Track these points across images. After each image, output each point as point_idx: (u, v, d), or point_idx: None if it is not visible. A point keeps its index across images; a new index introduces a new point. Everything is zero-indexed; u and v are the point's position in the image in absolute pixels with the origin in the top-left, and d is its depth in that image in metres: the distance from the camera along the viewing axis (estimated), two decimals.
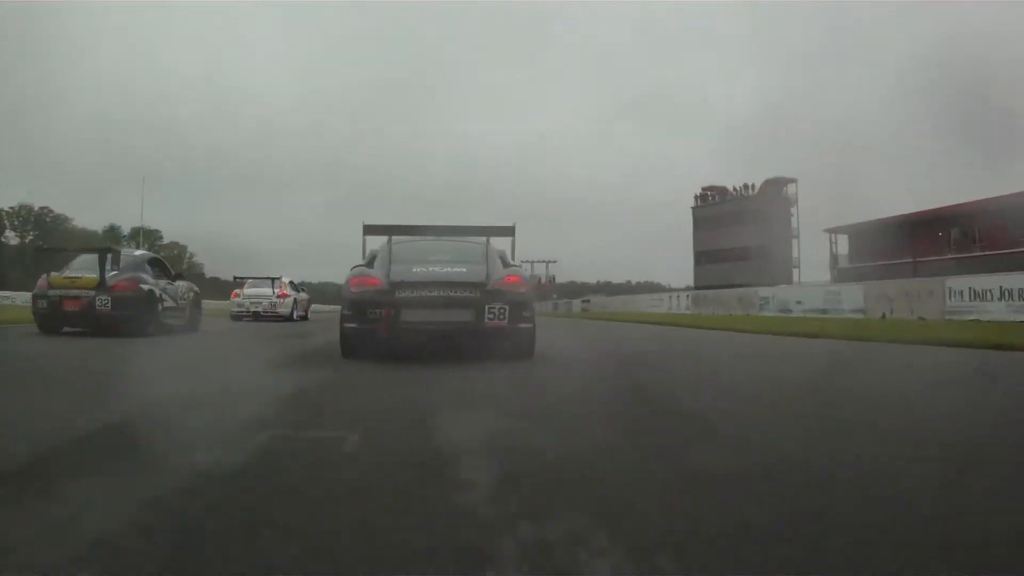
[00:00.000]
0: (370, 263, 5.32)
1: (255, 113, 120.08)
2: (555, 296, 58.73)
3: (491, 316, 4.76)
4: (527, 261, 60.51)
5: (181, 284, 8.93)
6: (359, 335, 4.88)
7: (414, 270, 5.02)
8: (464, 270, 4.97)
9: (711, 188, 53.22)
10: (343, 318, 5.00)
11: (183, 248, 70.25)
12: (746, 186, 48.62)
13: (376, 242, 5.78)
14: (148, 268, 8.15)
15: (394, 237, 5.77)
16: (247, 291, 15.19)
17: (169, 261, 9.55)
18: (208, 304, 12.54)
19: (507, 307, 4.80)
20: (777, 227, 44.75)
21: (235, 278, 15.12)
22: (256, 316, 14.89)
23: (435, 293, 4.82)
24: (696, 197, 54.01)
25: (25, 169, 70.52)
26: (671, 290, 34.10)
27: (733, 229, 46.44)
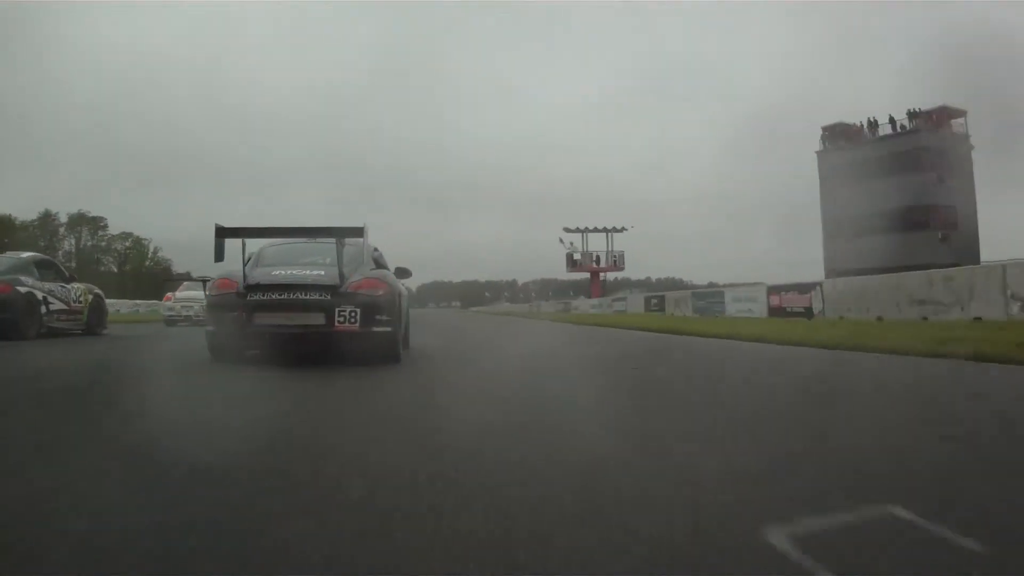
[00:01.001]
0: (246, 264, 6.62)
1: (253, 109, 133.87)
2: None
3: (341, 320, 5.63)
4: (574, 231, 50.89)
5: (77, 286, 10.23)
6: (217, 337, 5.96)
7: (273, 272, 5.96)
8: (322, 272, 5.87)
9: (838, 128, 45.20)
10: (206, 321, 6.31)
11: (142, 241, 73.24)
12: (913, 113, 40.40)
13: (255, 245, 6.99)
14: (34, 270, 9.43)
15: (272, 240, 6.85)
16: (179, 294, 17.00)
17: (125, 253, 11.25)
18: None
19: (358, 310, 5.68)
20: (960, 178, 38.35)
21: (166, 280, 17.11)
22: (191, 321, 16.40)
23: (285, 296, 5.67)
24: (823, 139, 46.13)
25: (23, 164, 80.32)
26: None
27: (895, 181, 38.27)
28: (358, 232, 5.97)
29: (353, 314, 5.73)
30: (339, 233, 5.99)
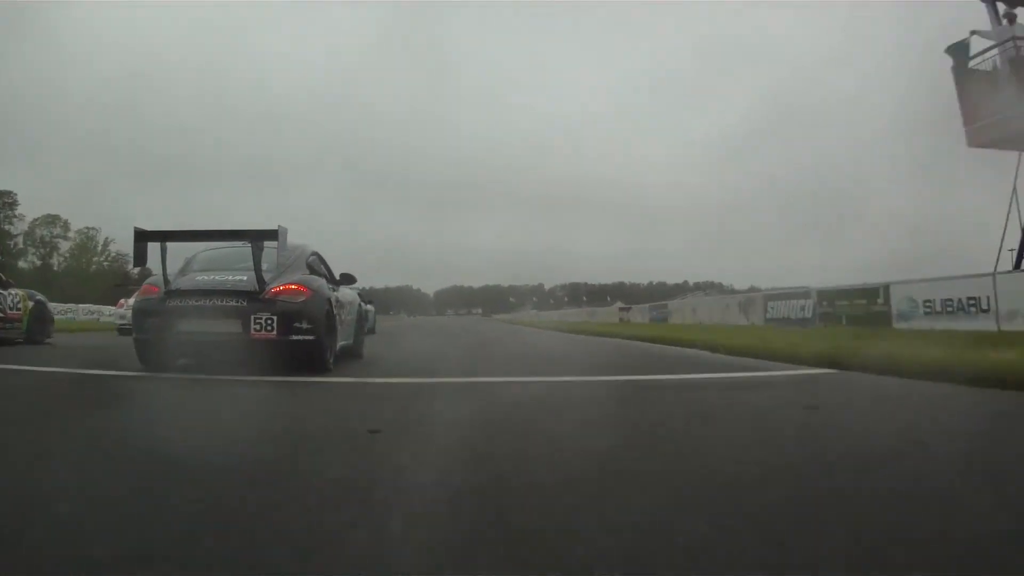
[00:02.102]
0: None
1: (256, 107, 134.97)
2: None
3: (257, 327, 5.66)
4: None
5: (15, 292, 10.21)
6: (142, 345, 6.01)
7: (196, 278, 6.03)
8: (243, 278, 5.86)
9: None
10: (132, 327, 6.35)
11: (84, 231, 58.45)
12: None
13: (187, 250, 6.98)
14: None
15: (210, 244, 6.79)
16: (131, 301, 17.25)
17: (50, 242, 11.02)
18: None
19: (275, 317, 5.68)
20: None
21: (117, 285, 16.55)
22: None
23: (202, 302, 5.72)
24: None
25: (23, 161, 77.70)
26: None
27: None
28: (272, 235, 5.92)
29: (270, 321, 5.79)
30: (255, 236, 5.94)
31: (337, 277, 7.55)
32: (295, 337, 5.87)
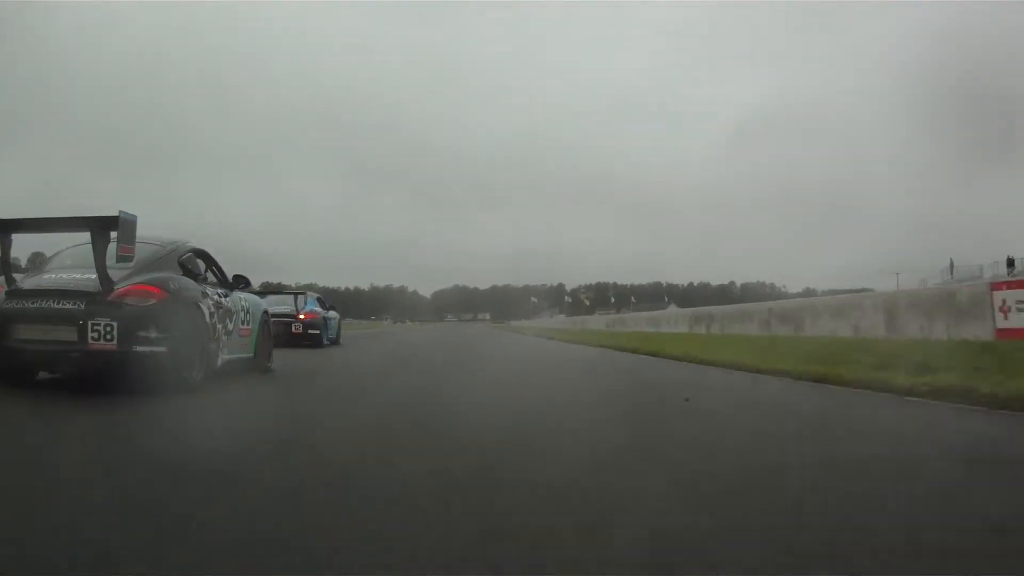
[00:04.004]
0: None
1: (257, 101, 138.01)
2: None
3: (95, 335, 4.91)
4: None
5: None
6: None
7: (44, 277, 5.41)
8: (92, 277, 5.12)
9: None
10: None
11: None
12: None
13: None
14: None
15: (79, 237, 6.08)
16: None
17: None
18: None
19: (115, 324, 4.92)
20: None
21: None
22: None
23: (38, 304, 5.03)
24: None
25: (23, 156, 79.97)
26: None
27: None
28: (112, 223, 5.03)
29: (109, 328, 4.96)
30: (94, 224, 5.09)
31: (230, 279, 6.70)
32: (140, 348, 5.05)
